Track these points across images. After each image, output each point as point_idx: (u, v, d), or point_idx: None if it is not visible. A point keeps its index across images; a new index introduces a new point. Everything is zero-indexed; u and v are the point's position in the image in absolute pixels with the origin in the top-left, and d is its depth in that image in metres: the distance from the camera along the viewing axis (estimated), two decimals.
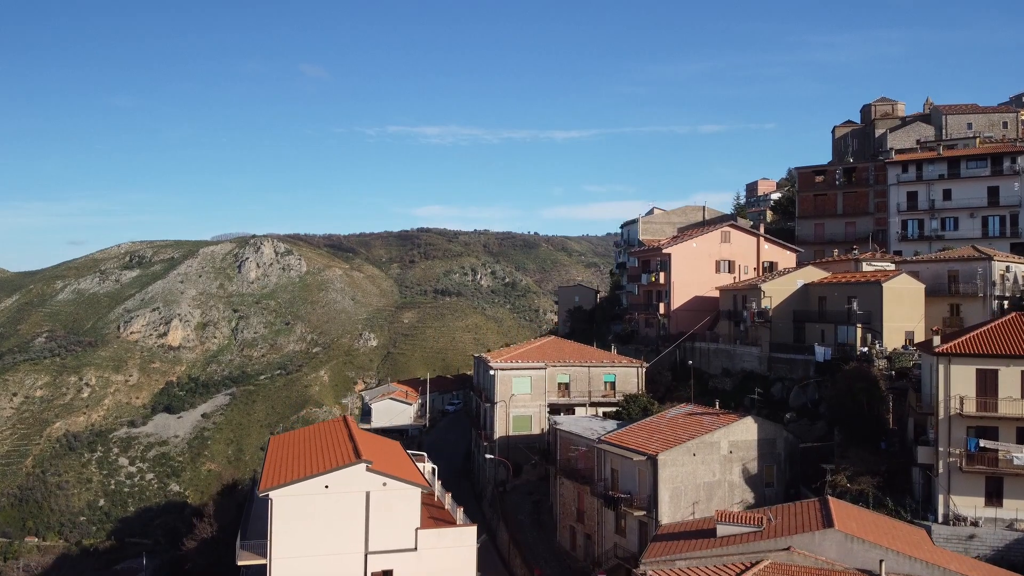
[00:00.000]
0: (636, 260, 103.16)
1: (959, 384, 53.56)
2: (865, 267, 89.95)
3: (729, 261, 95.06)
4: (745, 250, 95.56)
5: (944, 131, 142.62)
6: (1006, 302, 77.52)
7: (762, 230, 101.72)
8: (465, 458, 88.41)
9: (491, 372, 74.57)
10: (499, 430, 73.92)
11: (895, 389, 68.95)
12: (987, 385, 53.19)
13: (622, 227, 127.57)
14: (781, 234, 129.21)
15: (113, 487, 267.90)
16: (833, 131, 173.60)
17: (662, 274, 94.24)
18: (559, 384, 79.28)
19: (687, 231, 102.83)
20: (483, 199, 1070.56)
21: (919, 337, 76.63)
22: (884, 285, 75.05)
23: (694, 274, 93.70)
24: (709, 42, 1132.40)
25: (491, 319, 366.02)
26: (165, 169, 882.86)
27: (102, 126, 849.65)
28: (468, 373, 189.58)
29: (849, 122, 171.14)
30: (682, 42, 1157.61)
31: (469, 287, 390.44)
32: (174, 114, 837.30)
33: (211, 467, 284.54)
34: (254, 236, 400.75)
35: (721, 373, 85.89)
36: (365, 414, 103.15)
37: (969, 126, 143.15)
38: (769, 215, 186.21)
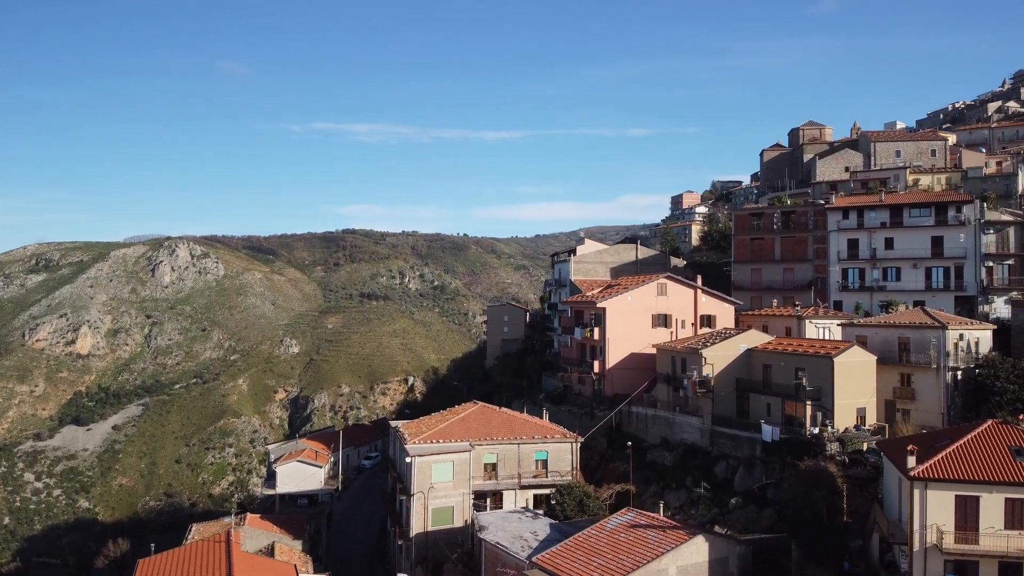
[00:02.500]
0: (569, 310, 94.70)
1: (936, 512, 46.49)
2: (809, 326, 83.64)
3: (666, 315, 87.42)
4: (682, 303, 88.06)
5: (872, 159, 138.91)
6: (959, 373, 71.74)
7: (697, 232, 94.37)
8: (380, 535, 78.88)
9: (408, 459, 64.93)
10: (416, 525, 64.46)
11: (851, 478, 62.33)
12: (967, 513, 46.27)
13: (553, 264, 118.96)
14: (711, 270, 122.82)
15: (18, 504, 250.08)
16: (762, 155, 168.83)
17: (596, 329, 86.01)
18: (485, 465, 70.20)
19: (621, 280, 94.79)
20: (413, 198, 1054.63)
21: (871, 413, 70.42)
22: (835, 360, 68.20)
23: (630, 329, 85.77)
24: (636, 46, 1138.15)
25: (420, 323, 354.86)
26: (75, 165, 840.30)
27: (10, 119, 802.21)
28: (388, 417, 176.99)
29: (778, 145, 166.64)
30: (610, 46, 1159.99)
31: (397, 290, 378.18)
32: (87, 107, 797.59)
33: (123, 482, 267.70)
34: (169, 238, 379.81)
35: (660, 444, 78.08)
36: (270, 477, 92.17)
37: (898, 154, 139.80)
38: (695, 233, 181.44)
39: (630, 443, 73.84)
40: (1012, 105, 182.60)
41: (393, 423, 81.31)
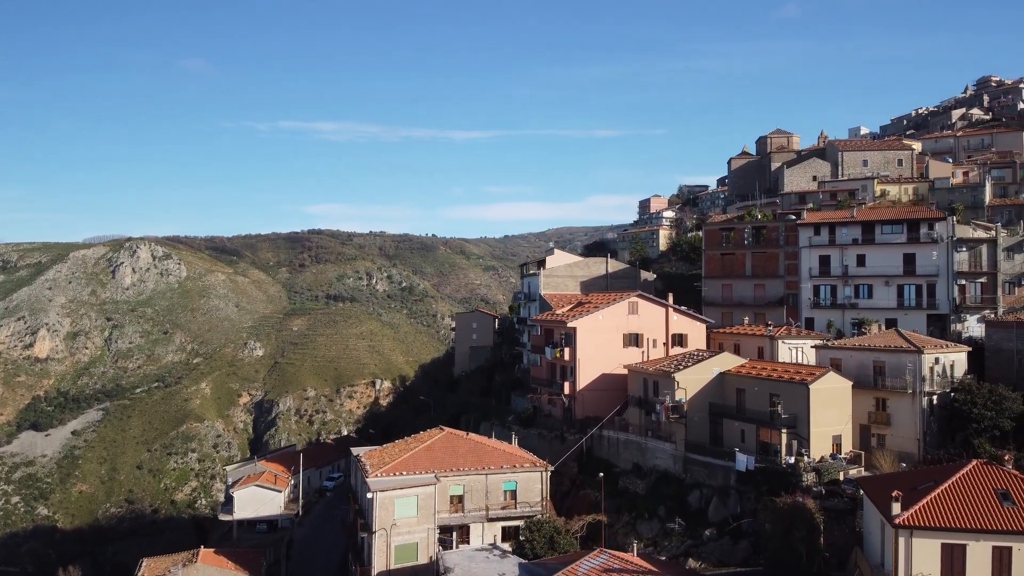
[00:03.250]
0: (539, 328, 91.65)
1: (921, 560, 44.21)
2: (782, 346, 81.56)
3: (637, 334, 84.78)
4: (653, 322, 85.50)
5: (840, 168, 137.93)
6: (935, 398, 69.98)
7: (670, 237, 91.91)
8: (342, 564, 75.26)
9: (369, 495, 61.49)
10: (378, 564, 61.03)
11: (828, 510, 60.11)
12: (954, 562, 44.07)
13: (523, 275, 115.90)
14: (681, 282, 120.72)
15: None
16: (729, 163, 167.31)
17: (567, 350, 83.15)
18: (452, 497, 66.99)
19: (592, 297, 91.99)
20: (381, 198, 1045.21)
21: (847, 440, 68.40)
22: (811, 387, 66.01)
23: (601, 349, 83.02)
24: (603, 47, 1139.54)
25: (387, 325, 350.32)
26: (34, 164, 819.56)
27: None
28: (356, 423, 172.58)
29: (745, 153, 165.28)
30: (578, 47, 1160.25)
31: (364, 292, 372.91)
32: (46, 105, 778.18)
33: (83, 489, 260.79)
34: (130, 239, 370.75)
35: (632, 469, 75.38)
36: (227, 502, 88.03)
37: (865, 163, 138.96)
38: (663, 238, 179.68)
39: (601, 474, 70.94)
40: (976, 112, 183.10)
41: (355, 451, 77.61)
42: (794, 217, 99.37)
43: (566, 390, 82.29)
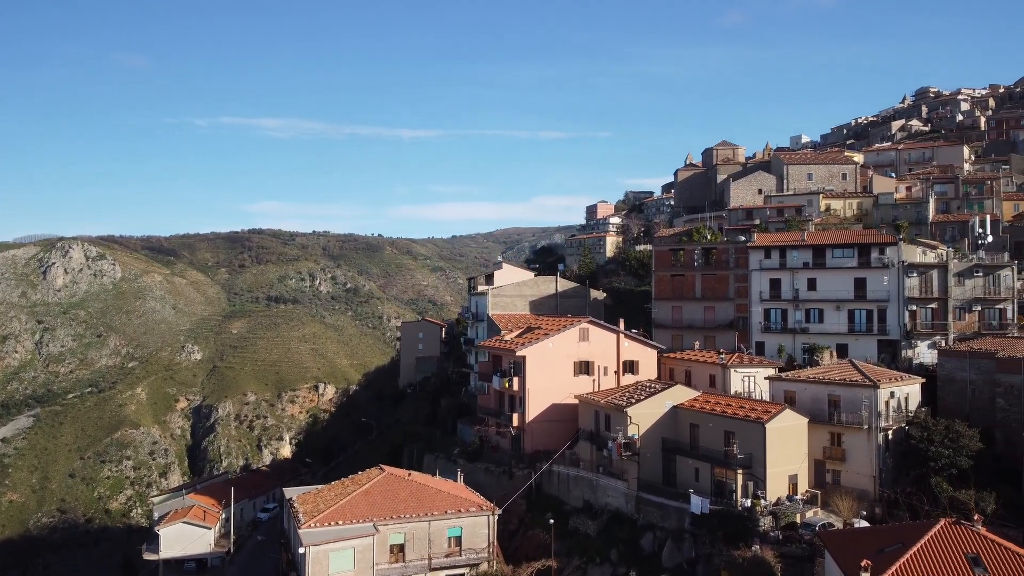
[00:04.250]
0: (487, 354, 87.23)
1: None
2: (734, 375, 78.71)
3: (588, 362, 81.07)
4: (604, 349, 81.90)
5: (785, 182, 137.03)
6: (890, 433, 67.75)
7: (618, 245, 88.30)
8: None
9: (302, 549, 56.47)
10: None
11: (785, 556, 57.23)
12: None
13: (471, 292, 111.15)
14: (630, 298, 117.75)
15: None
16: (676, 174, 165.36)
17: (516, 379, 78.95)
18: (392, 547, 62.27)
19: (542, 322, 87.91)
20: (325, 196, 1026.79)
21: (803, 479, 65.74)
22: (767, 426, 63.05)
23: (551, 378, 79.09)
24: (550, 49, 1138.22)
25: (331, 328, 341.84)
26: None
27: None
28: (288, 457, 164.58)
29: (691, 165, 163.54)
30: (525, 48, 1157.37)
31: (307, 293, 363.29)
32: None
33: (13, 498, 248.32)
34: (62, 238, 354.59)
35: (583, 507, 71.64)
36: (152, 540, 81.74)
37: (810, 176, 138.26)
38: (610, 244, 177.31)
39: (552, 520, 66.97)
40: (915, 123, 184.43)
41: (288, 493, 72.23)
42: (743, 238, 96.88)
43: (515, 422, 78.16)
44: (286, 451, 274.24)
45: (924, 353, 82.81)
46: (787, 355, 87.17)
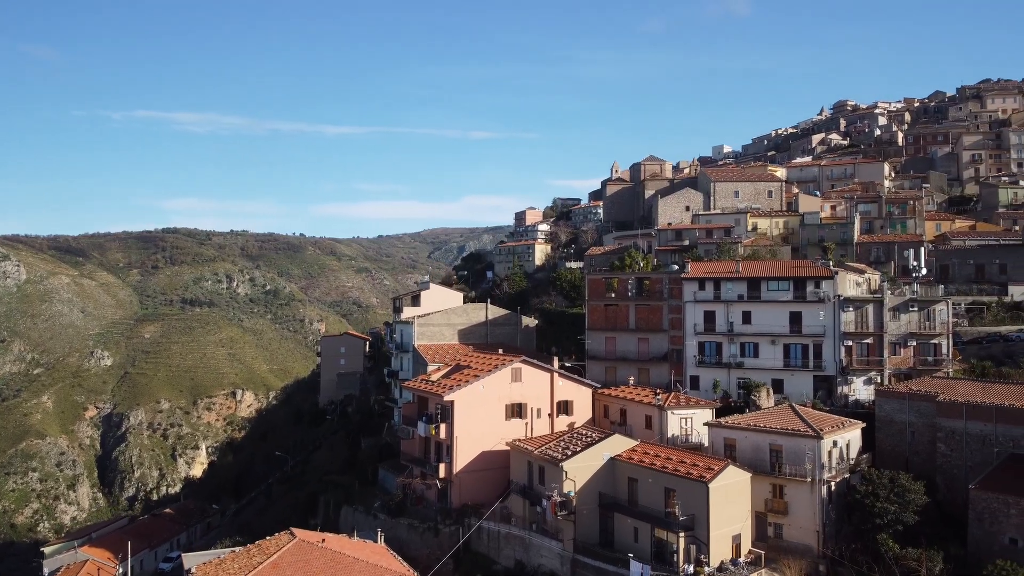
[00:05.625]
0: (412, 396, 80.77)
1: None
2: (671, 417, 74.51)
3: (521, 404, 75.61)
4: (538, 390, 76.56)
5: (712, 199, 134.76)
6: (834, 484, 64.41)
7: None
8: None
9: None
10: None
11: None
12: None
13: (395, 312, 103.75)
14: (561, 320, 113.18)
15: None
16: (604, 185, 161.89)
17: (443, 426, 72.81)
18: None
19: (472, 361, 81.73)
20: (244, 193, 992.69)
21: (746, 538, 61.87)
22: (711, 486, 58.72)
23: (482, 424, 73.29)
24: (479, 49, 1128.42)
25: (249, 332, 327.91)
26: None
27: None
28: (199, 477, 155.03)
29: (619, 179, 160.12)
30: (456, 47, 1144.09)
31: (224, 296, 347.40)
32: None
33: None
34: None
35: (515, 568, 66.19)
36: None
37: (736, 194, 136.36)
38: (539, 252, 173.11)
39: None
40: (835, 137, 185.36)
41: (187, 560, 64.45)
42: (676, 267, 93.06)
43: (441, 472, 72.02)
44: (202, 459, 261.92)
45: (860, 389, 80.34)
46: (722, 391, 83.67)
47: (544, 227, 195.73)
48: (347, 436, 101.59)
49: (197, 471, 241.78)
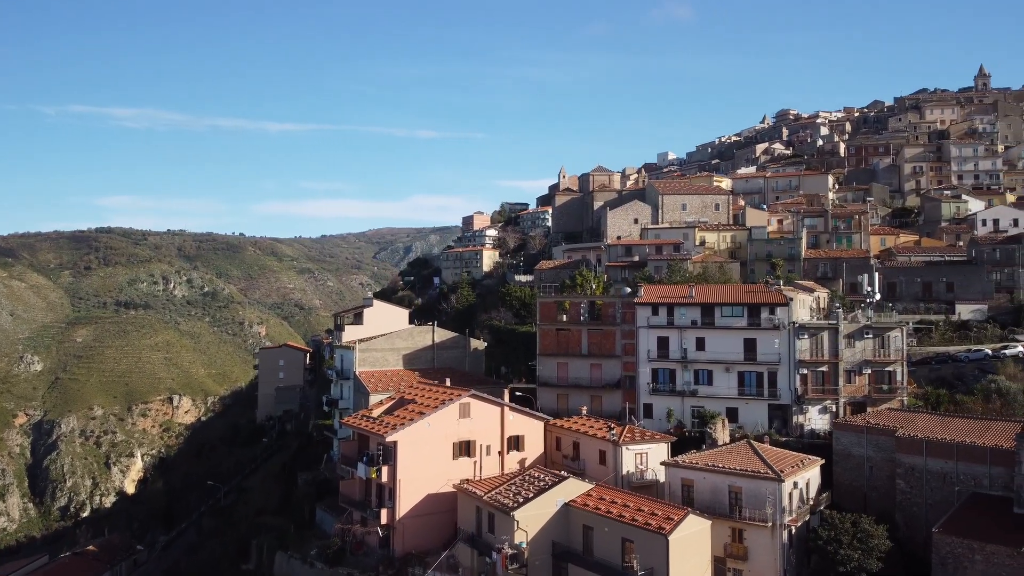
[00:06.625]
0: (352, 433, 75.24)
1: None
2: (626, 453, 70.65)
3: (469, 442, 70.81)
4: (487, 425, 71.87)
5: (660, 212, 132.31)
6: (794, 528, 61.45)
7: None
8: None
9: None
10: None
11: None
12: None
13: (336, 344, 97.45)
14: (512, 339, 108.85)
15: None
16: (552, 192, 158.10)
17: (385, 469, 67.55)
18: None
19: (417, 395, 76.34)
20: (182, 191, 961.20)
21: None
22: (671, 539, 54.94)
23: (427, 465, 68.26)
24: (426, 48, 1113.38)
25: (187, 335, 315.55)
26: None
27: None
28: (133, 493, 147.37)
29: (568, 190, 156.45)
30: (402, 45, 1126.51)
31: (160, 298, 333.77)
32: None
33: None
34: None
35: None
36: None
37: (684, 207, 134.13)
38: (487, 258, 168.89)
39: None
40: (778, 147, 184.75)
41: None
42: (629, 290, 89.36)
43: (383, 518, 66.81)
44: (138, 467, 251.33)
45: (815, 419, 77.74)
46: (677, 420, 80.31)
47: (492, 232, 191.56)
48: (283, 469, 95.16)
49: (130, 485, 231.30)
